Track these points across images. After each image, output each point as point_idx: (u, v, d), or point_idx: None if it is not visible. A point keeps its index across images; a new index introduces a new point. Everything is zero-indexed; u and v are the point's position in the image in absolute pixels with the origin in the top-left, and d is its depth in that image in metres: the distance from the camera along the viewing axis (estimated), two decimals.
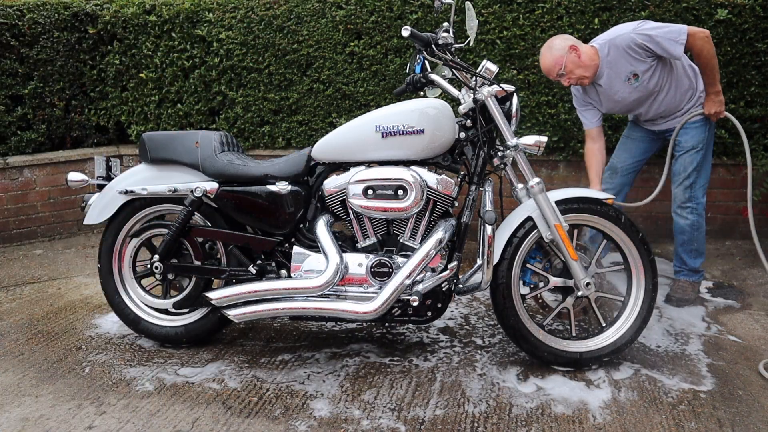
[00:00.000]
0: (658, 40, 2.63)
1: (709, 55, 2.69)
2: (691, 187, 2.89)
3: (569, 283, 2.35)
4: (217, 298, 2.37)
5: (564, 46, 2.70)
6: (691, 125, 2.86)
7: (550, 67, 2.74)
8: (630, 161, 3.09)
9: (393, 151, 2.28)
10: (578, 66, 2.71)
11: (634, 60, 2.71)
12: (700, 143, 2.86)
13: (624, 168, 3.10)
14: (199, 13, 4.14)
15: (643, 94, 2.81)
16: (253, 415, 2.10)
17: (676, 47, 2.63)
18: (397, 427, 2.01)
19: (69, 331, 2.81)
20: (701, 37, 2.65)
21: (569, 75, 2.73)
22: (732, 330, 2.69)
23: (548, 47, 2.74)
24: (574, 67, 2.71)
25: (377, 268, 2.30)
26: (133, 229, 2.57)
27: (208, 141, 2.47)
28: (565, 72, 2.72)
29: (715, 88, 2.77)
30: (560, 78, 2.75)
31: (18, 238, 4.26)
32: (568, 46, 2.69)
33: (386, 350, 2.56)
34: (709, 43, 2.67)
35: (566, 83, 2.77)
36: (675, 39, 2.63)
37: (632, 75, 2.74)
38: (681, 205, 2.92)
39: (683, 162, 2.90)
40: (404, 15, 3.80)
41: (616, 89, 2.80)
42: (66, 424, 2.06)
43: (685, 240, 2.95)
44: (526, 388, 2.24)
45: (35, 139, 4.36)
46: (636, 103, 2.86)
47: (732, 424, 2.00)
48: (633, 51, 2.69)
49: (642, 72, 2.73)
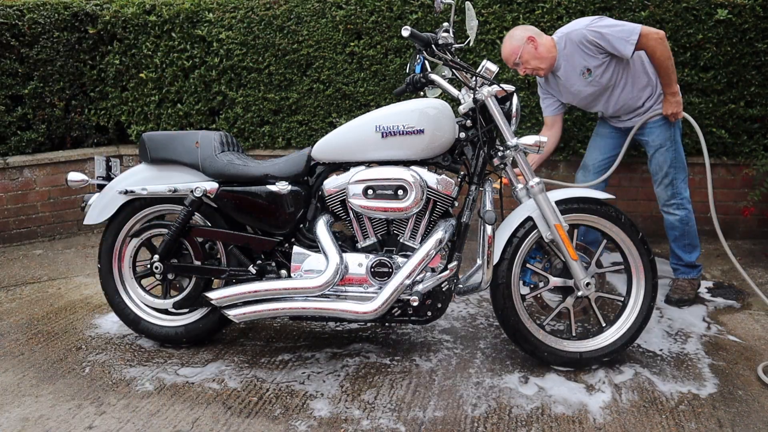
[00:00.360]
0: (609, 38, 2.67)
1: (662, 57, 2.70)
2: (672, 183, 2.92)
3: (569, 283, 2.35)
4: (217, 298, 2.37)
5: (522, 37, 2.75)
6: (654, 124, 2.89)
7: (507, 56, 2.81)
8: (600, 158, 3.13)
9: (393, 151, 2.28)
10: (534, 57, 2.77)
11: (586, 55, 2.76)
12: (667, 140, 2.90)
13: (595, 165, 3.14)
14: (199, 13, 4.14)
15: (598, 89, 2.84)
16: (253, 415, 2.10)
17: (626, 47, 2.66)
18: (397, 428, 2.01)
19: (69, 331, 2.81)
20: (654, 38, 2.66)
21: (525, 65, 2.80)
22: (732, 330, 2.69)
23: (509, 36, 2.81)
24: (530, 57, 2.77)
25: (377, 268, 2.30)
26: (133, 229, 2.57)
27: (208, 141, 2.47)
28: (521, 62, 2.79)
29: (672, 89, 2.79)
30: (516, 67, 2.83)
31: (18, 238, 4.26)
32: (527, 36, 2.75)
33: (387, 350, 2.56)
34: (663, 44, 2.69)
35: (522, 72, 2.84)
36: (625, 38, 2.65)
37: (586, 70, 2.79)
38: (666, 203, 2.96)
39: (657, 161, 2.93)
40: (404, 15, 3.80)
41: (572, 82, 2.85)
42: (66, 424, 2.06)
43: (677, 236, 2.98)
44: (526, 389, 2.24)
45: (35, 139, 4.36)
46: (592, 98, 2.90)
47: (732, 424, 2.00)
48: (585, 47, 2.74)
49: (594, 67, 2.77)
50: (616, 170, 3.87)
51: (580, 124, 3.75)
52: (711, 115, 3.65)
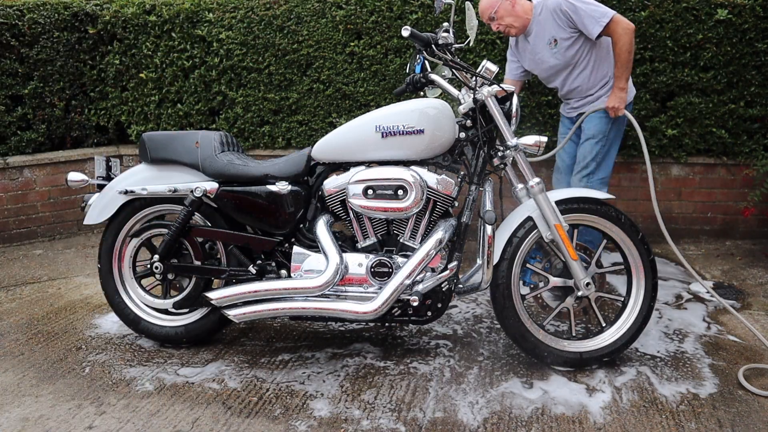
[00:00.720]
0: (581, 13, 2.76)
1: (624, 48, 2.77)
2: (588, 177, 2.96)
3: (569, 283, 2.35)
4: (217, 298, 2.37)
5: None
6: (594, 114, 2.95)
7: (483, 9, 2.89)
8: (569, 161, 3.18)
9: (393, 151, 2.28)
10: (509, 14, 2.85)
11: (557, 25, 2.84)
12: (600, 133, 2.95)
13: (566, 167, 3.20)
14: (199, 13, 4.14)
15: (560, 63, 2.92)
16: (253, 415, 2.10)
17: (595, 26, 2.74)
18: (397, 428, 2.01)
19: (69, 331, 2.81)
20: (624, 27, 2.74)
21: (499, 20, 2.88)
22: (732, 330, 2.69)
23: None
24: (505, 14, 2.85)
25: (377, 268, 2.30)
26: (133, 229, 2.57)
27: (208, 141, 2.47)
28: (496, 17, 2.87)
29: (621, 83, 2.84)
30: (491, 22, 2.90)
31: (18, 238, 4.26)
32: None
33: (387, 350, 2.56)
34: (630, 36, 2.76)
35: (495, 28, 2.92)
36: (596, 18, 2.74)
37: (553, 40, 2.88)
38: None
39: (583, 150, 3.00)
40: (404, 15, 3.80)
41: (538, 49, 2.94)
42: (66, 424, 2.06)
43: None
44: (526, 389, 2.24)
45: (35, 139, 4.35)
46: (553, 71, 2.98)
47: (732, 424, 2.00)
48: (557, 16, 2.83)
49: (561, 39, 2.86)
50: (616, 170, 3.90)
51: None
52: (711, 115, 3.65)
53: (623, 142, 3.79)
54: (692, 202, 3.90)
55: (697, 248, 3.79)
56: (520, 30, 2.91)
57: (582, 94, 3.00)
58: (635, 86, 3.65)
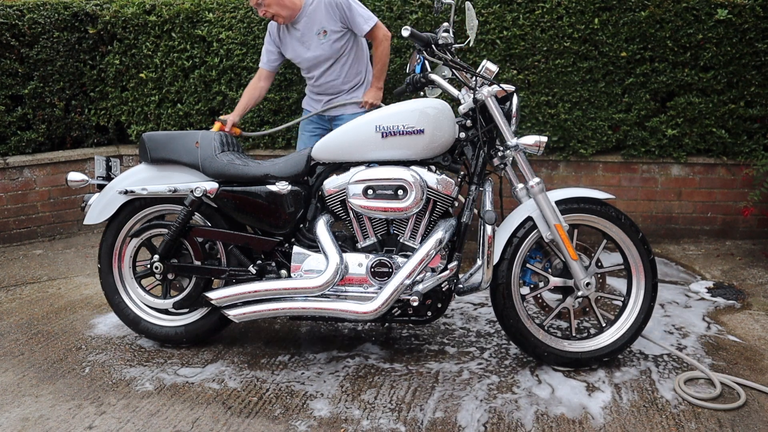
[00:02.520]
0: (354, 11, 2.98)
1: (384, 52, 3.09)
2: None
3: (569, 283, 2.35)
4: (217, 298, 2.37)
5: None
6: (351, 117, 3.09)
7: None
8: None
9: (393, 151, 2.28)
10: (277, 3, 2.94)
11: (329, 17, 3.00)
12: None
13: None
14: (199, 13, 4.14)
15: (326, 54, 3.08)
16: (253, 415, 2.10)
17: (364, 25, 2.99)
18: (397, 428, 2.01)
19: (69, 331, 2.81)
20: (384, 34, 3.06)
21: (266, 7, 2.95)
22: (732, 330, 2.69)
23: None
24: (273, 2, 2.93)
25: (377, 268, 2.30)
26: (133, 229, 2.57)
27: (208, 141, 2.47)
28: (263, 3, 2.93)
29: (379, 83, 3.17)
30: (258, 7, 2.96)
31: (18, 238, 4.26)
32: None
33: (387, 350, 2.56)
34: (389, 42, 3.09)
35: (261, 14, 2.99)
36: (366, 18, 2.99)
37: (323, 30, 3.01)
38: None
39: None
40: (404, 15, 3.80)
41: (306, 38, 3.07)
42: (66, 424, 2.06)
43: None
44: (526, 389, 2.24)
45: (35, 139, 4.35)
46: (315, 62, 3.12)
47: (732, 424, 2.00)
48: (331, 9, 2.98)
49: (331, 31, 3.03)
50: (616, 170, 3.90)
51: (581, 124, 3.75)
52: (711, 115, 3.65)
53: (622, 142, 3.80)
54: (692, 202, 3.90)
55: (697, 248, 3.79)
56: (287, 19, 3.01)
57: (336, 88, 3.19)
58: (636, 86, 3.66)
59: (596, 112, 3.73)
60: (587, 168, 3.94)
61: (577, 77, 3.67)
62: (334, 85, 3.18)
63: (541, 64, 3.69)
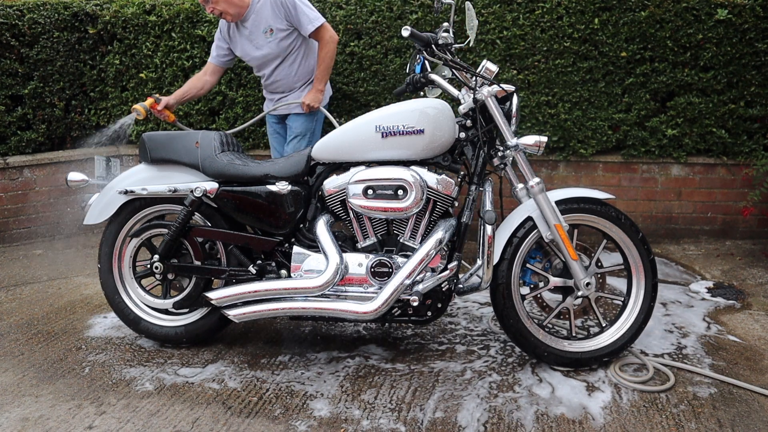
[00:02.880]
0: (299, 10, 2.99)
1: (329, 54, 3.10)
2: None
3: (569, 283, 2.35)
4: (217, 298, 2.37)
5: None
6: (299, 116, 3.24)
7: None
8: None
9: (393, 151, 2.28)
10: (225, 1, 2.97)
11: (275, 15, 3.03)
12: (307, 131, 3.25)
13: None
14: (199, 13, 4.14)
15: (274, 52, 3.11)
16: (253, 415, 2.10)
17: (308, 25, 3.01)
18: (397, 428, 2.01)
19: (69, 331, 2.81)
20: (331, 35, 3.08)
21: (213, 5, 2.99)
22: (732, 330, 2.69)
23: None
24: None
25: (377, 268, 2.30)
26: (133, 229, 2.57)
27: (208, 141, 2.47)
28: (211, 1, 2.95)
29: (320, 85, 3.17)
30: (206, 4, 2.99)
31: (18, 238, 4.26)
32: None
33: (387, 350, 2.56)
34: (334, 45, 3.10)
35: (209, 11, 3.02)
36: (311, 19, 3.01)
37: (270, 29, 3.03)
38: None
39: (293, 146, 3.27)
40: (404, 15, 3.80)
41: (254, 36, 3.09)
42: (66, 424, 2.06)
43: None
44: (526, 389, 2.24)
45: (35, 139, 4.35)
46: (265, 60, 3.15)
47: (732, 424, 2.00)
48: (277, 7, 3.01)
49: (277, 30, 3.05)
50: (616, 170, 3.90)
51: (580, 124, 3.75)
52: (711, 115, 3.65)
53: (622, 142, 3.81)
54: (692, 202, 3.90)
55: (697, 248, 3.79)
56: (235, 17, 3.04)
57: (286, 87, 3.23)
58: (636, 86, 3.66)
59: (596, 112, 3.74)
60: (587, 168, 3.94)
61: (577, 77, 3.68)
62: (285, 83, 3.22)
63: (541, 64, 3.69)
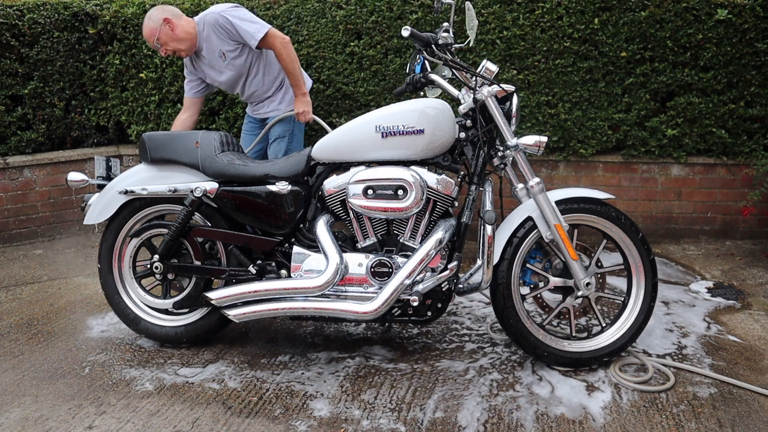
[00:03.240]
0: (238, 28, 2.94)
1: (288, 59, 3.01)
2: None
3: (569, 283, 2.35)
4: (217, 298, 2.37)
5: (159, 18, 2.91)
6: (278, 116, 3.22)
7: (147, 36, 2.98)
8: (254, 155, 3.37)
9: (393, 151, 2.28)
10: (172, 39, 2.93)
11: (220, 40, 2.99)
12: (286, 132, 3.24)
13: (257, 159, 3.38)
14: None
15: (235, 73, 3.10)
16: (253, 415, 2.10)
17: (251, 40, 2.94)
18: (397, 428, 2.01)
19: (69, 331, 2.81)
20: (281, 40, 2.97)
21: (165, 46, 2.95)
22: (732, 330, 2.69)
23: (147, 16, 2.95)
24: (169, 39, 2.93)
25: (377, 268, 2.30)
26: (133, 229, 2.57)
27: (208, 141, 2.47)
28: (160, 44, 2.94)
29: (300, 90, 3.11)
30: (158, 49, 2.97)
31: (18, 238, 4.26)
32: (163, 18, 2.91)
33: (386, 350, 2.56)
34: (288, 47, 2.99)
35: (163, 53, 3.00)
36: (252, 33, 2.93)
37: (222, 53, 3.03)
38: None
39: (273, 150, 3.27)
40: (404, 15, 3.80)
41: (213, 63, 3.09)
42: (66, 424, 2.06)
43: None
44: (526, 389, 2.24)
45: (35, 139, 4.35)
46: (231, 81, 3.16)
47: (732, 424, 2.00)
48: (218, 31, 2.97)
49: (228, 52, 3.03)
50: (617, 170, 3.90)
51: (580, 124, 3.75)
52: (711, 115, 3.65)
53: (622, 142, 3.80)
54: (692, 202, 3.90)
55: (697, 248, 3.79)
56: (189, 50, 3.02)
57: (261, 96, 3.24)
58: (636, 86, 3.66)
59: (596, 112, 3.73)
60: (587, 168, 3.94)
61: (577, 77, 3.68)
62: (260, 92, 3.24)
63: (541, 64, 3.69)
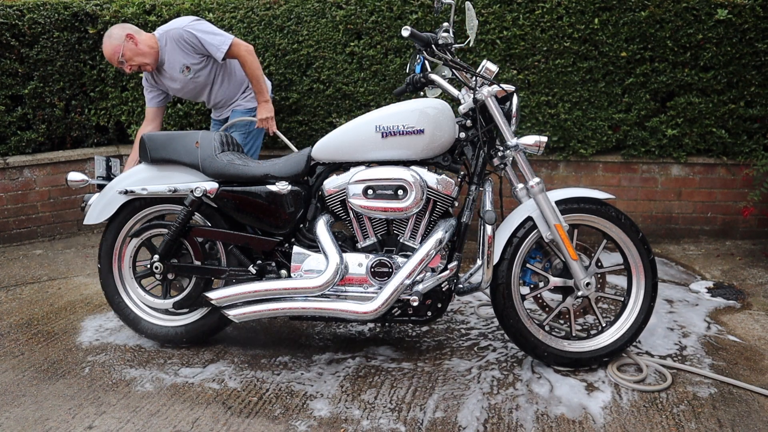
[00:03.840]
0: (203, 42, 3.00)
1: (253, 66, 3.09)
2: None
3: (569, 283, 2.35)
4: (217, 298, 2.37)
5: (121, 35, 2.91)
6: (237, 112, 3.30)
7: (110, 55, 2.95)
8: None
9: (393, 151, 2.28)
10: (137, 54, 2.93)
11: (184, 54, 3.05)
12: (244, 128, 3.31)
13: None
14: (199, 13, 4.14)
15: (200, 84, 3.17)
16: (253, 415, 2.10)
17: (217, 52, 3.01)
18: (397, 428, 2.01)
19: (69, 331, 2.81)
20: (245, 49, 3.07)
21: (129, 62, 2.95)
22: (732, 330, 2.69)
23: (108, 35, 2.94)
24: (133, 54, 2.93)
25: (377, 268, 2.30)
26: (133, 229, 2.57)
27: (208, 141, 2.47)
28: (125, 60, 2.93)
29: (263, 96, 3.18)
30: (122, 66, 2.96)
31: (18, 238, 4.26)
32: (125, 34, 2.91)
33: (387, 350, 2.56)
34: (252, 56, 3.09)
35: (128, 70, 3.00)
36: (217, 45, 3.00)
37: (185, 67, 3.03)
38: None
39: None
40: (404, 15, 3.80)
41: (175, 77, 3.12)
42: (66, 424, 2.06)
43: None
44: (526, 389, 2.24)
45: (35, 139, 4.35)
46: (195, 92, 3.23)
47: (732, 424, 2.00)
48: (183, 45, 3.01)
49: (193, 65, 3.08)
50: (616, 170, 3.90)
51: (580, 124, 3.75)
52: (711, 115, 3.65)
53: (622, 142, 3.81)
54: (692, 202, 3.90)
55: (697, 248, 3.80)
56: (154, 64, 3.05)
57: (227, 104, 3.33)
58: (636, 86, 3.66)
59: (596, 112, 3.74)
60: (587, 168, 3.94)
61: (577, 77, 3.68)
62: (224, 101, 3.32)
63: (541, 64, 3.69)
